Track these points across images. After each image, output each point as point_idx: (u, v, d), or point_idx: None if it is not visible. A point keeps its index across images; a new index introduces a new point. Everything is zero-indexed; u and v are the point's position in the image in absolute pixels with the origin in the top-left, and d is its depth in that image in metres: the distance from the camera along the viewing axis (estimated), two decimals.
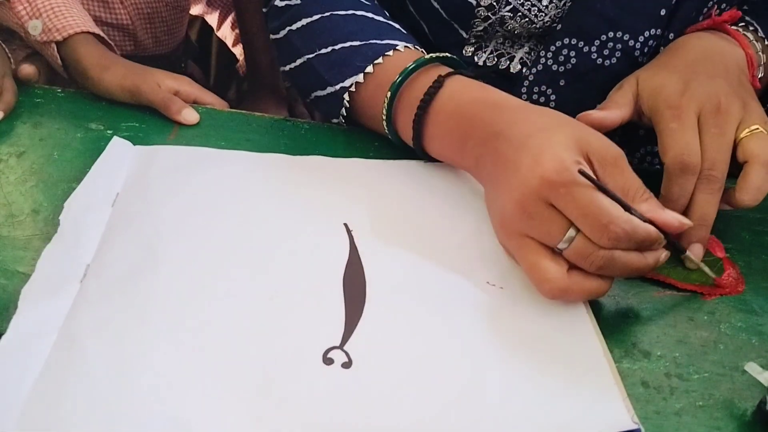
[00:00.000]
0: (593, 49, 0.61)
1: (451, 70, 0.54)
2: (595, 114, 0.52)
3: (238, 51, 1.13)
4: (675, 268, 0.49)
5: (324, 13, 0.61)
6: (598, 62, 0.61)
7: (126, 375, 0.38)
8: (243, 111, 0.63)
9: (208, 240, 0.47)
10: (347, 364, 0.40)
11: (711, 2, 0.60)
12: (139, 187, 0.51)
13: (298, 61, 0.61)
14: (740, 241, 0.54)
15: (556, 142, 0.44)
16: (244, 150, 0.57)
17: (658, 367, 0.42)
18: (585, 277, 0.44)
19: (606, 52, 0.61)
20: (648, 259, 0.44)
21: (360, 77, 0.56)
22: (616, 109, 0.53)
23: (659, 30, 0.60)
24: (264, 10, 0.67)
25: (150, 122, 0.60)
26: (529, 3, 0.60)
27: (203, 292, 0.43)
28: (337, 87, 0.58)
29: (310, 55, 0.60)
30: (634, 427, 0.38)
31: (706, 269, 0.48)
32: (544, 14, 0.61)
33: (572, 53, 0.61)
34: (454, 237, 0.50)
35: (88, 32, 0.64)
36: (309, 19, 0.61)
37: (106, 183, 0.51)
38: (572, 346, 0.43)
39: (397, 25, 0.61)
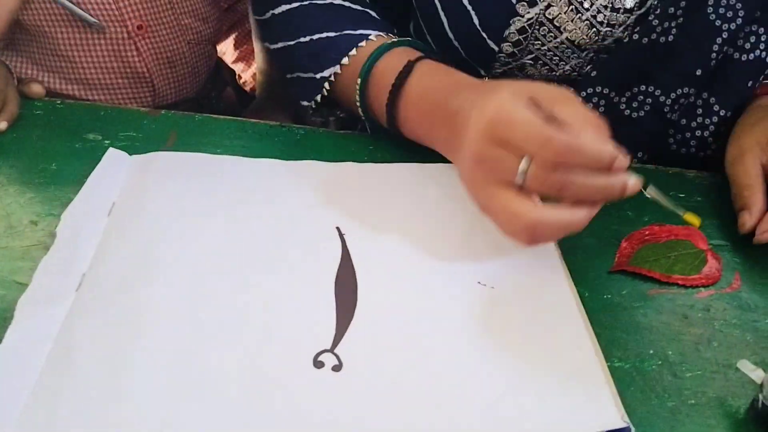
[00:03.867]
0: (623, 100, 0.61)
1: (420, 54, 0.57)
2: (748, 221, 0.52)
3: (238, 67, 1.13)
4: (657, 261, 0.49)
5: (303, 2, 0.64)
6: (625, 113, 0.61)
7: (120, 384, 0.38)
8: (239, 118, 0.64)
9: (202, 246, 0.48)
10: (337, 367, 0.40)
11: None
12: (135, 196, 0.52)
13: (280, 44, 0.65)
14: (735, 237, 0.53)
15: (500, 93, 0.45)
16: (239, 156, 0.57)
17: (650, 365, 0.42)
18: (556, 207, 0.43)
19: (635, 104, 0.61)
20: (612, 180, 0.43)
21: (337, 68, 0.60)
22: (757, 200, 0.53)
23: (693, 89, 0.60)
24: None
25: (147, 131, 0.60)
26: (551, 53, 0.60)
27: (197, 300, 0.44)
28: (317, 76, 0.61)
29: (290, 42, 0.63)
30: (624, 425, 0.38)
31: (666, 203, 0.48)
32: (565, 63, 0.61)
33: (602, 101, 0.61)
34: (446, 238, 0.50)
35: None
36: (289, 6, 0.64)
37: (102, 193, 0.52)
38: (563, 345, 0.43)
39: (373, 13, 0.64)
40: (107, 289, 0.44)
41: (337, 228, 0.50)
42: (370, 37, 0.59)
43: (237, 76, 1.12)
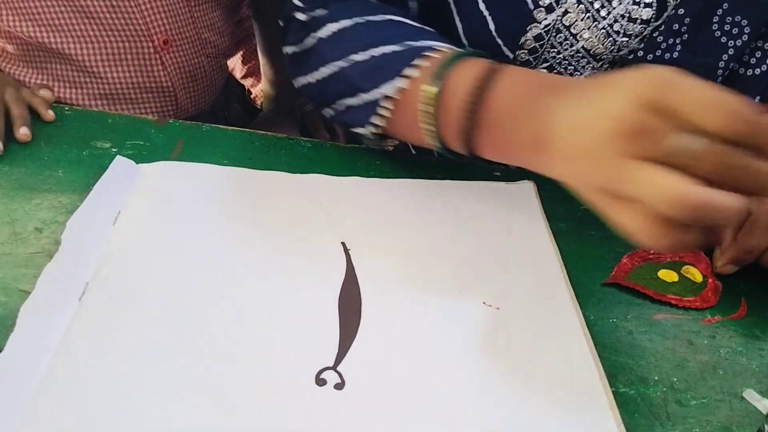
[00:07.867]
0: None
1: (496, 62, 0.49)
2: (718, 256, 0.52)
3: (248, 82, 1.13)
4: (655, 280, 0.49)
5: (358, 19, 0.57)
6: None
7: (121, 393, 0.38)
8: (246, 129, 0.64)
9: (206, 258, 0.47)
10: (340, 386, 0.40)
11: None
12: (140, 206, 0.52)
13: (323, 70, 0.58)
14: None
15: (648, 69, 0.38)
16: (246, 168, 0.57)
17: (655, 392, 0.42)
18: (718, 190, 0.35)
19: None
20: None
21: (403, 82, 0.51)
22: (726, 234, 0.46)
23: None
24: (281, 23, 0.64)
25: (155, 140, 0.60)
26: (567, 62, 0.60)
27: (200, 312, 0.44)
28: (376, 95, 0.53)
29: (343, 63, 0.56)
30: None
31: None
32: (579, 74, 0.61)
33: None
34: (452, 257, 0.50)
35: None
36: (339, 25, 0.57)
37: (108, 201, 0.52)
38: (568, 369, 0.42)
39: (433, 30, 0.57)
40: (110, 299, 0.44)
41: (342, 243, 0.50)
42: (438, 48, 0.51)
43: (246, 91, 1.12)
